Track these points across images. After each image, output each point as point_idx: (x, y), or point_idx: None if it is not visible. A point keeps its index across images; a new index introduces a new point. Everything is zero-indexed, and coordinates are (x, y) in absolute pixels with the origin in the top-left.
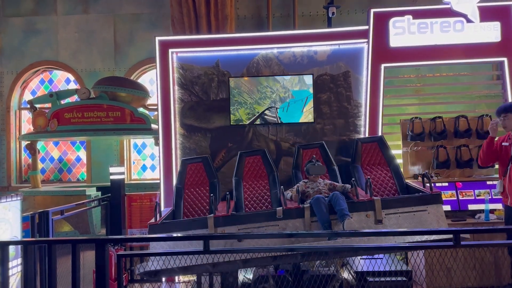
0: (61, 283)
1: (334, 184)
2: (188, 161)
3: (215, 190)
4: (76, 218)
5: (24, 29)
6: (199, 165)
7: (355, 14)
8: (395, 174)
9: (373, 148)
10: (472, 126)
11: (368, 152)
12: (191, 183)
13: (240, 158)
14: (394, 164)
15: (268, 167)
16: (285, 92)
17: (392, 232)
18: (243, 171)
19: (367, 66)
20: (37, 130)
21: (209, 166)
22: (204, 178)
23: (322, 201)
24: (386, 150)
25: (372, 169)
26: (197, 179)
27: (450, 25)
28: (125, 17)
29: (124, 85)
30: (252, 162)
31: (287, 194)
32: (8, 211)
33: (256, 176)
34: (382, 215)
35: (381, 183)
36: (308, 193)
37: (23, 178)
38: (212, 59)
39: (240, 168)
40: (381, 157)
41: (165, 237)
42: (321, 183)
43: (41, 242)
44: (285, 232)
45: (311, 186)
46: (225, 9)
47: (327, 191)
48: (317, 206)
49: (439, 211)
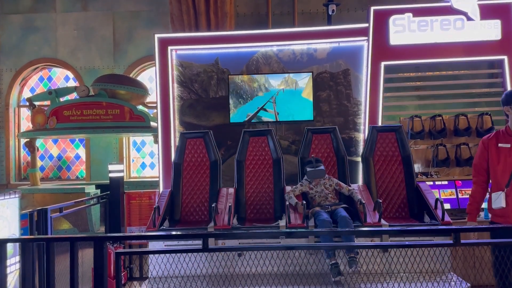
0: (59, 281)
1: (340, 186)
2: (188, 135)
3: (216, 171)
4: (75, 216)
5: (23, 27)
6: (199, 140)
7: (355, 11)
8: (407, 172)
9: (388, 138)
10: (472, 125)
11: (383, 142)
12: (190, 160)
13: (244, 137)
14: (408, 162)
15: (274, 151)
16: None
17: (392, 231)
18: (246, 152)
19: (367, 64)
20: (36, 128)
21: (210, 143)
22: (204, 155)
23: (327, 224)
24: (403, 145)
25: (384, 163)
26: (197, 156)
27: (450, 23)
28: (124, 14)
29: (123, 83)
30: (256, 143)
31: (291, 199)
32: (6, 208)
33: (260, 159)
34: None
35: (390, 179)
36: (312, 195)
37: (22, 176)
38: (211, 57)
39: (243, 149)
40: (396, 150)
41: (164, 235)
42: (326, 183)
43: (39, 240)
44: (284, 231)
45: (316, 188)
46: (225, 6)
47: (333, 196)
48: (323, 233)
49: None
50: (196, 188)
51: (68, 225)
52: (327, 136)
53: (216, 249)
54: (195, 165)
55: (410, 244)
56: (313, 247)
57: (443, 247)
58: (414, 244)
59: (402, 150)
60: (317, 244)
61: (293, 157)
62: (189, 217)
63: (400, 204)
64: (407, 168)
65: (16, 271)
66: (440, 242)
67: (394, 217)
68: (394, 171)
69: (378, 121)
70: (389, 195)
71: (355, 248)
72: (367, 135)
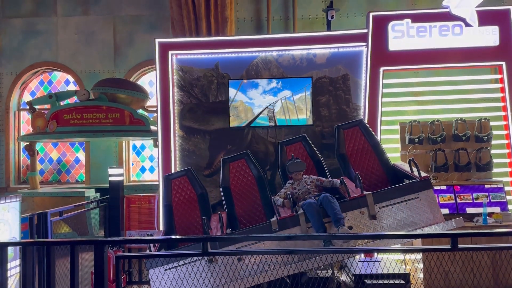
0: (59, 285)
1: (321, 180)
2: (171, 176)
3: (205, 202)
4: (75, 220)
5: (24, 30)
6: (183, 178)
7: (354, 17)
8: (381, 159)
9: (355, 133)
10: (471, 130)
11: (351, 139)
12: (178, 199)
13: (224, 165)
14: (378, 148)
15: (254, 170)
16: None
17: (390, 235)
18: (229, 178)
19: (366, 69)
20: (36, 131)
21: (194, 178)
22: (191, 191)
23: (314, 206)
24: (369, 135)
25: (358, 156)
26: (184, 193)
27: (449, 29)
28: (125, 18)
29: (124, 87)
30: (237, 167)
31: (278, 201)
32: (7, 212)
33: (243, 181)
34: (375, 210)
35: (367, 168)
36: (296, 194)
37: (22, 179)
38: (211, 62)
39: (225, 175)
40: (365, 142)
41: (164, 239)
42: (307, 180)
43: (39, 243)
44: (283, 235)
45: (298, 187)
46: (225, 11)
47: (315, 189)
48: (310, 212)
49: (430, 196)
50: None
51: (68, 228)
52: (299, 145)
53: (215, 253)
54: (184, 202)
55: (406, 248)
56: (314, 252)
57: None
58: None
59: (370, 140)
60: (317, 248)
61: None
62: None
63: (381, 183)
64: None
65: (17, 274)
66: (438, 247)
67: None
68: (369, 160)
69: (377, 126)
70: (370, 179)
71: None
72: (335, 135)
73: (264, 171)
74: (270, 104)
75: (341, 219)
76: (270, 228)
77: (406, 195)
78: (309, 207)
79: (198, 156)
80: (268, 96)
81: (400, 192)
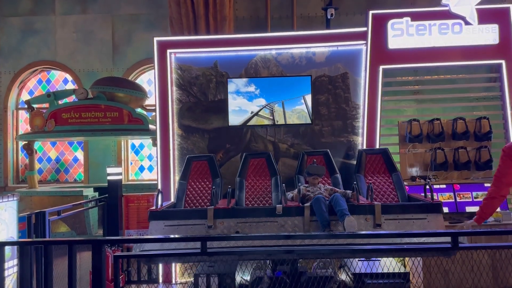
0: (57, 284)
1: (335, 190)
2: (194, 158)
3: (218, 188)
4: (73, 219)
5: (22, 29)
6: (204, 163)
7: (354, 15)
8: (397, 185)
9: (377, 160)
10: (470, 128)
11: (372, 163)
12: (194, 180)
13: (245, 159)
14: (396, 175)
15: (271, 170)
16: None
17: (390, 234)
18: (247, 172)
19: (366, 67)
20: (35, 130)
21: (213, 165)
22: (208, 176)
23: (322, 200)
24: (389, 162)
25: (375, 179)
26: (201, 176)
27: (448, 27)
28: (124, 17)
29: (122, 86)
30: (256, 164)
31: (288, 195)
32: (4, 211)
33: (259, 177)
34: (381, 220)
35: (383, 193)
36: (308, 196)
37: (20, 179)
38: (210, 60)
39: (244, 168)
40: (385, 168)
41: (163, 238)
42: (321, 187)
43: (37, 243)
44: (283, 234)
45: (312, 190)
46: (224, 10)
47: (328, 196)
48: (317, 205)
49: (439, 221)
50: (197, 200)
51: (66, 228)
52: (320, 158)
53: (215, 253)
54: (199, 182)
55: (408, 248)
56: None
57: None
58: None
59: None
60: (319, 247)
61: (292, 160)
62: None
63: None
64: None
65: (14, 274)
66: (439, 246)
67: None
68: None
69: (376, 124)
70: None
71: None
72: (357, 157)
73: None
74: (267, 105)
75: (347, 214)
76: (274, 211)
77: (415, 213)
78: (317, 201)
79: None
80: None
81: (410, 209)
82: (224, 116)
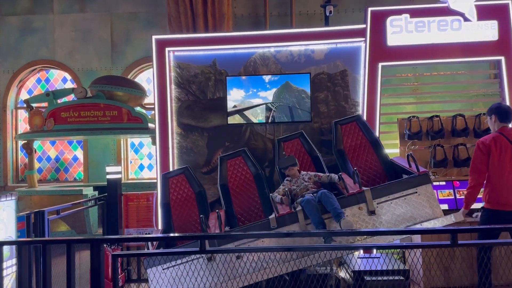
0: (56, 283)
1: (319, 176)
2: (169, 175)
3: (203, 200)
4: (73, 218)
5: (20, 28)
6: (181, 177)
7: (353, 12)
8: (379, 154)
9: (352, 129)
10: (470, 125)
11: (349, 134)
12: (176, 198)
13: (222, 162)
14: (377, 144)
15: (252, 167)
16: None
17: (388, 232)
18: (227, 175)
19: (365, 65)
20: (34, 130)
21: (191, 177)
22: (188, 190)
23: (312, 203)
24: (367, 130)
25: (355, 152)
26: (182, 192)
27: (447, 23)
28: (122, 16)
29: (121, 84)
30: (234, 165)
31: (276, 197)
32: (2, 211)
33: (241, 179)
34: (374, 206)
35: (366, 163)
36: (295, 191)
37: (20, 178)
38: (209, 58)
39: (223, 173)
40: (362, 137)
41: (162, 237)
42: (305, 177)
43: (35, 242)
44: (282, 232)
45: (296, 184)
46: (222, 7)
47: (313, 186)
48: (308, 209)
49: (428, 191)
50: (187, 222)
51: (66, 227)
52: (296, 141)
53: (213, 251)
54: (182, 200)
55: (407, 245)
56: (313, 248)
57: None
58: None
59: (368, 136)
60: (317, 245)
61: None
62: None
63: (379, 179)
64: (378, 151)
65: (13, 273)
66: (438, 243)
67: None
68: (367, 156)
69: (375, 121)
70: (369, 177)
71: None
72: (333, 131)
73: (263, 168)
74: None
75: (341, 213)
76: (269, 225)
77: (404, 190)
78: (308, 204)
79: (196, 154)
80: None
81: (399, 187)
82: (223, 114)
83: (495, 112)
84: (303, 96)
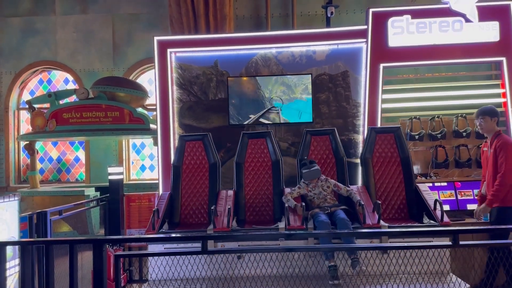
0: (59, 284)
1: (339, 187)
2: (187, 138)
3: (215, 173)
4: (75, 219)
5: (22, 29)
6: (198, 143)
7: (354, 13)
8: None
9: (388, 139)
10: (471, 126)
11: (382, 144)
12: (189, 163)
13: (243, 139)
14: (407, 162)
15: (273, 153)
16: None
17: (390, 232)
18: (245, 154)
19: (366, 66)
20: (36, 130)
21: (209, 146)
22: (203, 158)
23: (327, 227)
24: (401, 145)
25: (383, 164)
26: (196, 158)
27: (448, 24)
28: (124, 17)
29: (123, 85)
30: (255, 145)
31: (289, 201)
32: (5, 211)
33: (259, 161)
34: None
35: (389, 179)
36: (311, 197)
37: (22, 179)
38: (210, 59)
39: (242, 151)
40: (395, 151)
41: (163, 237)
42: (323, 185)
43: (38, 242)
44: (283, 233)
45: (314, 190)
46: (224, 8)
47: (332, 198)
48: (322, 235)
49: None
50: (196, 191)
51: (68, 227)
52: (326, 137)
53: (215, 251)
54: (194, 168)
55: (409, 246)
56: (312, 249)
57: (442, 249)
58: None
59: (401, 151)
60: (316, 246)
61: (293, 159)
62: (189, 219)
63: (399, 205)
64: (406, 170)
65: (16, 274)
66: (439, 244)
67: (393, 218)
68: (393, 173)
69: (377, 122)
70: (388, 196)
71: (354, 249)
72: (366, 136)
73: None
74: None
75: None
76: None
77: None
78: (321, 226)
79: None
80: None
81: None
82: (225, 115)
83: (497, 114)
84: (305, 97)
